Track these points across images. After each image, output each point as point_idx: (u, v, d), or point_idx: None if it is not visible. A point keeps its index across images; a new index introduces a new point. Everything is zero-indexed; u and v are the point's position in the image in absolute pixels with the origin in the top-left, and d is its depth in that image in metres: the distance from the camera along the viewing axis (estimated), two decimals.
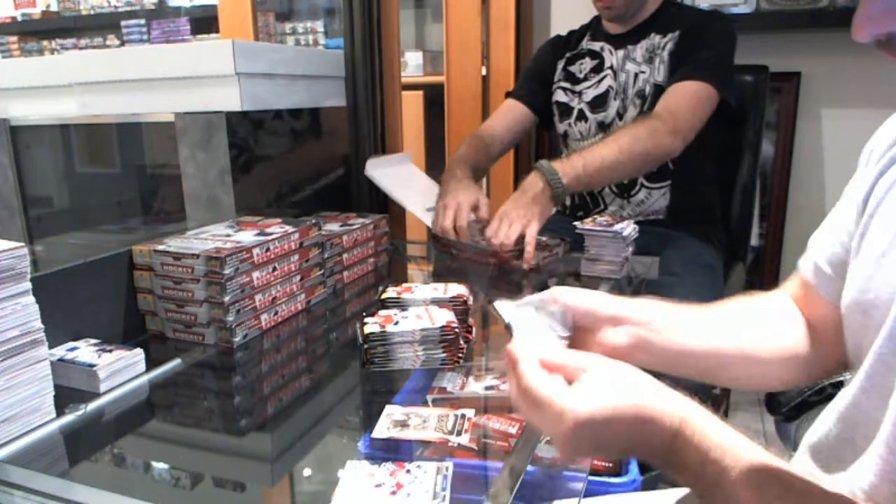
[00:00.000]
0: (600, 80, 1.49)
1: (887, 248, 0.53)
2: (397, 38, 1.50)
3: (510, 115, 1.62)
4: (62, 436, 0.71)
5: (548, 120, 1.62)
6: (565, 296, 0.60)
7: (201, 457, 0.72)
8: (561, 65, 1.57)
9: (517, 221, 1.21)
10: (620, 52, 1.47)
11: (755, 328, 0.67)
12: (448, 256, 1.32)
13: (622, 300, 0.63)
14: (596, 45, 1.52)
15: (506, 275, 1.24)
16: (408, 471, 0.58)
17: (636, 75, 1.44)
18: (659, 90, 1.40)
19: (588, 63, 1.52)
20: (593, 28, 1.56)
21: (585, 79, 1.51)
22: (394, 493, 0.55)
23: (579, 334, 0.60)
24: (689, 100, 1.33)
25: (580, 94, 1.52)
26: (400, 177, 1.49)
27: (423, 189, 1.51)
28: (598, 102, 1.49)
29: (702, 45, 1.37)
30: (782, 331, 0.67)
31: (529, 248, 1.21)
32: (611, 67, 1.48)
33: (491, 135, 1.57)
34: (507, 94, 1.67)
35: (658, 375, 0.50)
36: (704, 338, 0.64)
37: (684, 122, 1.31)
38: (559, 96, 1.56)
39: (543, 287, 0.61)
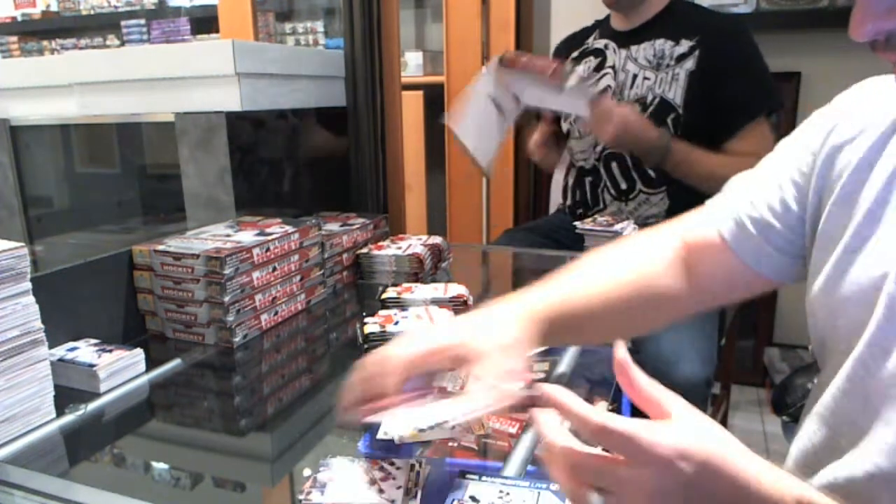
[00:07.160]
0: (600, 79, 1.49)
1: (860, 243, 0.51)
2: (397, 38, 1.50)
3: None
4: (62, 436, 0.71)
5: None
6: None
7: (201, 457, 0.72)
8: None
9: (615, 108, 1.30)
10: (623, 52, 1.47)
11: (641, 277, 0.67)
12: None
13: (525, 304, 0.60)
14: (600, 43, 1.53)
15: (498, 270, 1.24)
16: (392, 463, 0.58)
17: (635, 77, 1.43)
18: (667, 107, 1.39)
19: (592, 62, 1.53)
20: (602, 26, 1.57)
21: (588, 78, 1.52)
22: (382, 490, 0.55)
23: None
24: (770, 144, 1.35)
25: None
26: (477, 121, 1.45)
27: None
28: None
29: (738, 70, 1.35)
30: (661, 276, 0.67)
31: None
32: (612, 66, 1.48)
33: None
34: None
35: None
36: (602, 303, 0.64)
37: None
38: None
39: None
